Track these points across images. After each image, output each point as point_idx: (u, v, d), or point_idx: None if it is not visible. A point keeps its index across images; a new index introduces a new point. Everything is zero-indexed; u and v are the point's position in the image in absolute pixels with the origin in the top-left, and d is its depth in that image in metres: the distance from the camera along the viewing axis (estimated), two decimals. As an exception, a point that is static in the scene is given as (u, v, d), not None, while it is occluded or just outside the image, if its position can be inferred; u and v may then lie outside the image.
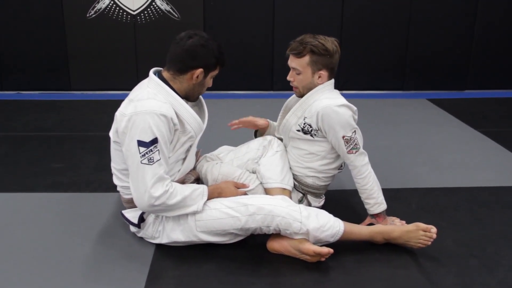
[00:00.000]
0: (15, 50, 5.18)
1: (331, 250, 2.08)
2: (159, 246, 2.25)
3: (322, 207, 2.54)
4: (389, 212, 2.59)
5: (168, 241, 2.22)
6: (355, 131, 2.32)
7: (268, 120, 2.71)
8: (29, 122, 4.19)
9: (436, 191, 2.89)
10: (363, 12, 5.28)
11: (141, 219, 2.23)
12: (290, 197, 2.38)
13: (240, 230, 2.13)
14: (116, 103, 2.19)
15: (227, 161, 2.53)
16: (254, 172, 2.48)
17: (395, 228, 2.24)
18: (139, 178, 2.03)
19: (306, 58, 2.30)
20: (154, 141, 2.02)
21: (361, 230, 2.24)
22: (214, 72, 2.23)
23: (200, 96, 2.38)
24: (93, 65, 5.27)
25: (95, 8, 5.07)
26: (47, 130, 3.99)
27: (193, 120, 2.19)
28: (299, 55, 2.31)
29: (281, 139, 2.58)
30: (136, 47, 5.22)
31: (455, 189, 2.92)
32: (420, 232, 2.18)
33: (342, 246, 2.23)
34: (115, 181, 2.33)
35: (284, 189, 2.38)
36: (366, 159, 2.36)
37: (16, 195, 2.78)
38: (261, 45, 5.26)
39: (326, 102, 2.30)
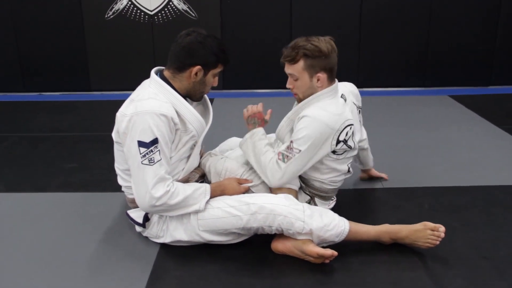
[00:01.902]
0: (36, 52, 5.27)
1: (335, 253, 2.03)
2: (163, 246, 2.24)
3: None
4: (400, 211, 2.55)
5: (171, 240, 2.20)
6: (300, 151, 2.14)
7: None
8: (47, 123, 4.25)
9: (451, 190, 2.81)
10: (383, 8, 5.17)
11: (146, 218, 2.22)
12: (296, 197, 2.33)
13: (242, 229, 2.10)
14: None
15: (233, 158, 2.49)
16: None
17: (403, 227, 2.17)
18: (140, 179, 2.03)
19: (301, 63, 2.18)
20: (155, 141, 2.00)
21: (367, 230, 2.18)
22: (216, 70, 2.17)
23: (205, 95, 2.36)
24: (112, 65, 5.32)
25: (113, 9, 5.11)
26: (63, 130, 4.04)
27: (194, 119, 2.16)
28: (293, 61, 2.19)
29: None
30: (154, 47, 5.24)
31: (471, 188, 2.83)
32: (428, 232, 2.11)
33: (347, 246, 2.18)
34: (120, 181, 2.33)
35: (290, 188, 2.31)
36: (282, 177, 2.18)
37: (27, 195, 2.82)
38: (279, 43, 5.17)
39: (310, 110, 2.17)
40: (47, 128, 4.09)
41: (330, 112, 2.17)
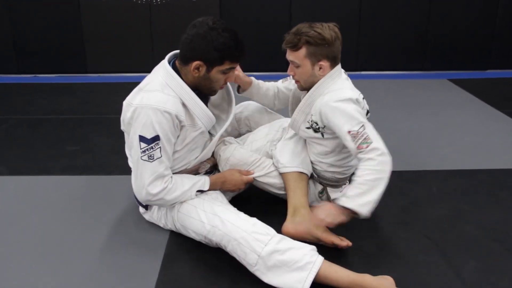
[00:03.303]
0: (31, 33, 5.17)
1: (350, 243, 2.01)
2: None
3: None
4: (409, 195, 2.55)
5: (166, 226, 2.20)
6: (363, 125, 2.03)
7: (254, 80, 2.51)
8: (45, 105, 4.19)
9: (457, 173, 2.82)
10: (383, -10, 5.15)
11: None
12: (308, 181, 2.31)
13: (205, 238, 2.00)
14: (132, 86, 2.13)
15: (247, 143, 2.45)
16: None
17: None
18: (138, 173, 2.00)
19: (303, 51, 2.09)
20: (156, 138, 1.95)
21: (339, 278, 1.83)
22: (222, 67, 2.00)
23: (229, 86, 2.28)
24: (109, 47, 5.25)
25: (110, -10, 5.02)
26: (63, 113, 3.99)
27: (203, 115, 2.08)
28: (295, 47, 2.10)
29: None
30: (151, 28, 5.17)
31: (477, 171, 2.84)
32: None
33: (360, 229, 2.19)
34: (129, 163, 2.30)
35: (301, 173, 2.26)
36: (378, 153, 1.97)
37: (31, 178, 2.78)
38: (278, 25, 5.16)
39: (327, 97, 2.10)
40: (46, 111, 4.04)
41: (347, 88, 2.14)
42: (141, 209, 2.30)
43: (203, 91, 2.11)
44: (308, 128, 2.22)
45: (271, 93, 2.53)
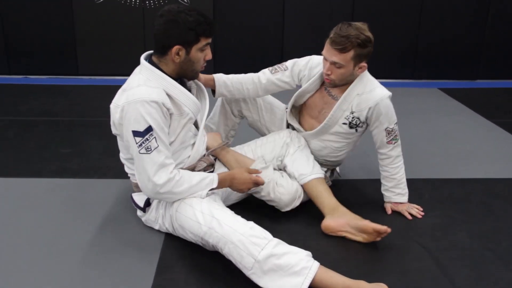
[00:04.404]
0: (23, 34, 5.13)
1: (388, 229, 2.10)
2: (169, 234, 2.22)
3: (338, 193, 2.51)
4: (402, 202, 2.56)
5: (162, 228, 2.20)
6: (396, 122, 2.36)
7: (215, 75, 2.50)
8: (37, 106, 4.16)
9: (448, 182, 2.85)
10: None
11: (147, 203, 2.21)
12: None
13: (202, 239, 1.99)
14: (125, 89, 2.15)
15: (257, 160, 2.48)
16: (280, 169, 2.47)
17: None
18: (141, 168, 2.01)
19: (351, 53, 2.20)
20: (149, 129, 1.96)
21: (334, 284, 1.83)
22: (199, 45, 2.05)
23: (199, 84, 2.34)
24: (101, 49, 5.22)
25: (104, -8, 5.01)
26: (54, 115, 3.96)
27: (189, 101, 2.12)
28: (344, 50, 2.18)
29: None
30: (144, 31, 5.16)
31: (468, 180, 2.88)
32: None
33: (354, 236, 2.20)
34: (126, 169, 2.30)
35: (319, 178, 2.38)
36: (400, 149, 2.42)
37: (24, 180, 2.76)
38: (271, 29, 5.19)
39: (379, 94, 2.32)
40: (38, 112, 4.00)
41: (381, 86, 2.38)
42: (139, 212, 2.30)
43: (187, 76, 2.17)
44: (344, 123, 2.40)
45: (245, 86, 2.51)
